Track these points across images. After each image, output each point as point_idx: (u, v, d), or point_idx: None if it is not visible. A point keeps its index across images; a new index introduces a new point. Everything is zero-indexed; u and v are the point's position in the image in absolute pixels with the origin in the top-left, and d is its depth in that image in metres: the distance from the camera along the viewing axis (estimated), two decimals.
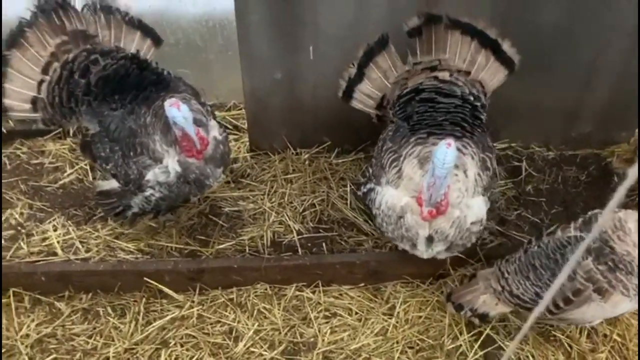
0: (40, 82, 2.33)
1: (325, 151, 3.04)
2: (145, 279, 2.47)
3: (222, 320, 2.46)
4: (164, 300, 2.51)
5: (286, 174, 2.95)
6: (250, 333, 2.40)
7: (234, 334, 2.42)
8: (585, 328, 2.41)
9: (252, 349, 2.37)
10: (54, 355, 2.34)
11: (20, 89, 2.33)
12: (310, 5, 2.50)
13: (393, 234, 2.28)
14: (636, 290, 1.96)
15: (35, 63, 2.32)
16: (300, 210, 2.79)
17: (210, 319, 2.46)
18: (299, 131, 2.99)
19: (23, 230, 2.67)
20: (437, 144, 2.01)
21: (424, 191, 2.05)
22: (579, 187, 2.96)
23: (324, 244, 2.67)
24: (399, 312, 2.49)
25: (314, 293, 2.56)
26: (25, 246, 2.59)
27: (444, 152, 1.93)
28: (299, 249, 2.64)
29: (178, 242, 2.64)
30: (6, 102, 2.33)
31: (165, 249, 2.62)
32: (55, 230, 2.67)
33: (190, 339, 2.40)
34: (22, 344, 2.35)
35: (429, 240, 2.22)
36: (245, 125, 3.08)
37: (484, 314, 2.28)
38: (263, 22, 2.55)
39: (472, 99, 2.36)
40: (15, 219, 2.71)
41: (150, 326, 2.42)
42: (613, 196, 0.89)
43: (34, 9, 2.29)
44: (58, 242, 2.61)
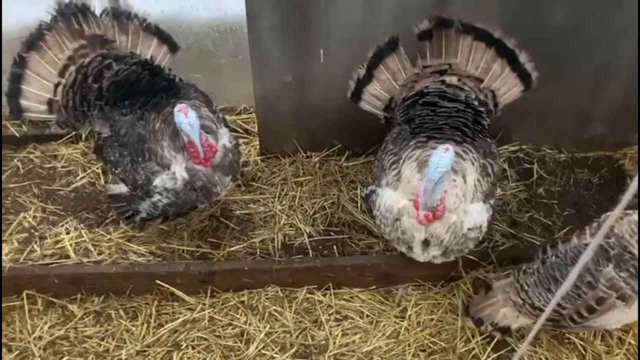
0: (57, 85, 2.37)
1: (335, 154, 3.05)
2: (157, 281, 2.47)
3: (234, 322, 2.46)
4: (176, 303, 2.52)
5: (297, 177, 2.96)
6: (262, 336, 2.40)
7: (245, 336, 2.42)
8: (600, 330, 2.38)
9: (264, 352, 2.37)
10: (66, 358, 2.35)
11: (37, 91, 2.37)
12: (320, 8, 2.52)
13: (390, 235, 2.29)
14: None
15: (53, 66, 2.36)
16: (311, 213, 2.80)
17: (221, 321, 2.46)
18: (309, 134, 3.00)
19: (36, 233, 2.69)
20: (437, 148, 2.00)
21: (421, 195, 2.05)
22: (591, 190, 2.94)
23: (334, 247, 2.67)
24: (410, 315, 2.48)
25: (325, 296, 2.55)
26: (38, 249, 2.61)
27: (439, 156, 1.94)
28: (310, 251, 2.64)
29: (189, 245, 2.65)
30: (23, 103, 2.37)
31: (177, 251, 2.63)
32: (67, 233, 2.69)
33: (202, 342, 2.40)
34: (35, 346, 2.36)
35: (425, 244, 2.22)
36: (256, 128, 3.09)
37: (505, 327, 2.23)
38: (274, 27, 2.57)
39: (477, 104, 2.34)
40: (28, 222, 2.74)
41: (162, 329, 2.42)
42: (619, 202, 0.89)
43: (54, 13, 2.33)
44: (71, 245, 2.63)
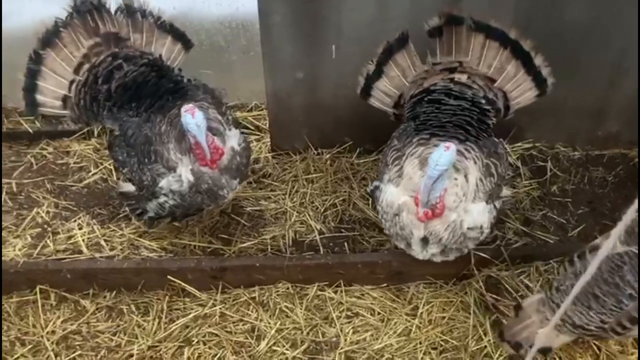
0: (72, 82, 2.40)
1: (346, 151, 3.04)
2: (168, 277, 2.48)
3: (245, 318, 2.46)
4: (187, 299, 2.53)
5: (307, 173, 2.96)
6: (273, 332, 2.40)
7: (256, 332, 2.42)
8: None
9: (275, 348, 2.37)
10: (78, 352, 2.37)
11: (52, 87, 2.41)
12: (332, 5, 2.51)
13: (389, 231, 2.29)
14: None
15: (68, 63, 2.39)
16: (322, 210, 2.79)
17: (232, 317, 2.46)
18: (320, 131, 2.99)
19: (49, 229, 2.71)
20: (439, 145, 2.00)
21: (421, 192, 2.04)
22: (606, 188, 2.91)
23: (345, 244, 2.66)
24: (422, 313, 2.46)
25: (335, 293, 2.54)
26: (51, 244, 2.63)
27: (440, 154, 1.93)
28: (321, 248, 2.63)
29: (201, 241, 2.66)
30: (39, 98, 2.41)
31: (188, 247, 2.64)
32: (80, 228, 2.71)
33: (213, 337, 2.40)
34: (48, 341, 2.38)
35: (424, 241, 2.21)
36: (267, 125, 3.09)
37: (546, 348, 2.16)
38: (285, 23, 2.56)
39: (484, 102, 2.32)
40: (41, 217, 2.76)
41: (173, 324, 2.43)
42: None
43: (69, 10, 2.36)
44: (83, 241, 2.65)
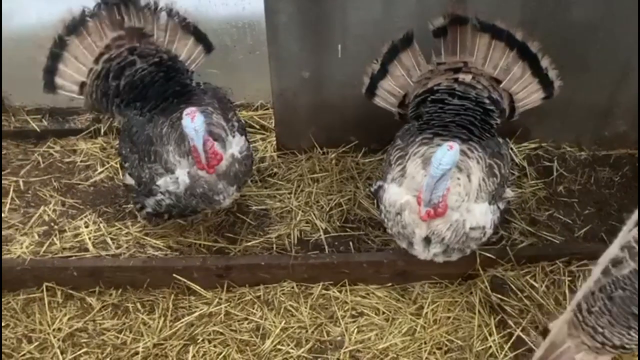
0: (90, 70, 2.45)
1: (352, 150, 3.04)
2: (174, 275, 2.48)
3: (250, 317, 2.46)
4: (192, 297, 2.53)
5: (313, 173, 2.96)
6: (277, 331, 2.40)
7: (261, 331, 2.42)
8: None
9: (279, 347, 2.37)
10: (84, 349, 2.37)
11: (72, 72, 2.47)
12: (338, 4, 2.52)
13: (391, 230, 2.28)
14: None
15: (91, 52, 2.44)
16: (327, 209, 2.79)
17: (237, 316, 2.47)
18: (326, 130, 3.00)
19: (56, 227, 2.73)
20: (442, 145, 1.99)
21: (423, 191, 2.04)
22: (613, 188, 2.90)
23: (350, 243, 2.66)
24: (427, 313, 2.46)
25: (340, 292, 2.54)
26: (58, 242, 2.64)
27: (443, 153, 1.93)
28: (326, 247, 2.63)
29: (206, 240, 2.67)
30: (58, 81, 2.48)
31: (194, 246, 2.65)
32: (86, 226, 2.72)
33: (218, 336, 2.41)
34: (55, 338, 2.39)
35: (427, 241, 2.20)
36: (273, 124, 3.10)
37: None
38: (292, 22, 2.57)
39: (488, 102, 2.31)
40: (48, 215, 2.78)
41: (179, 322, 2.43)
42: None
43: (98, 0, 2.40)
44: (89, 239, 2.66)
